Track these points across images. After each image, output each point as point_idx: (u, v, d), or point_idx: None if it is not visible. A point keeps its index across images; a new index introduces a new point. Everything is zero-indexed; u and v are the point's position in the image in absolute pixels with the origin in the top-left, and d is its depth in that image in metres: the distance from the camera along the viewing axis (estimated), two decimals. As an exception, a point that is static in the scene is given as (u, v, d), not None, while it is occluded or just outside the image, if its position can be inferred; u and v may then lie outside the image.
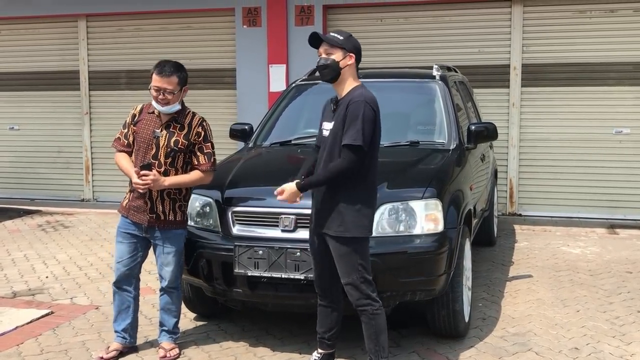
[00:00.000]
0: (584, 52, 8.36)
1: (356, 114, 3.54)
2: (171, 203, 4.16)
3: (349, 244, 3.62)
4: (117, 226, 4.28)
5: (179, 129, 4.12)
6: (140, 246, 4.24)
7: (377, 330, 3.69)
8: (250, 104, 9.00)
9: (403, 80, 5.95)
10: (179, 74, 4.07)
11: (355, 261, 3.63)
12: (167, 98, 4.04)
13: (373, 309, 3.67)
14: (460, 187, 4.71)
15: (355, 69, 3.73)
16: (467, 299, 4.67)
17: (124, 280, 4.24)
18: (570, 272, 6.20)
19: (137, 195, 4.13)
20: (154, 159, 4.07)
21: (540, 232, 7.88)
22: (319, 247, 3.78)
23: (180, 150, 4.11)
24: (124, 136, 4.21)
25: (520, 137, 8.62)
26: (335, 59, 3.68)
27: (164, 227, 4.16)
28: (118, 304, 4.29)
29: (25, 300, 5.47)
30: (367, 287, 3.66)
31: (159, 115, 4.13)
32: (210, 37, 9.44)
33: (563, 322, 4.90)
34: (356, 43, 3.72)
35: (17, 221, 8.75)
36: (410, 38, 8.82)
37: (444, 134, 5.26)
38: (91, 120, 9.99)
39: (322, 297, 3.90)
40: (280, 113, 5.84)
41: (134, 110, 4.25)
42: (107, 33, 9.85)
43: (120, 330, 4.30)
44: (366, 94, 3.63)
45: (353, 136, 3.52)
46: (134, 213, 4.16)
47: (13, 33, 10.22)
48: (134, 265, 4.24)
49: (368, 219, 3.64)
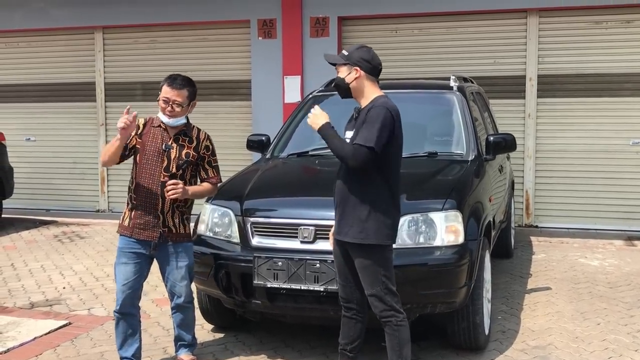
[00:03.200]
0: (600, 62, 8.32)
1: (374, 118, 3.51)
2: (180, 216, 4.11)
3: (371, 254, 3.59)
4: (118, 247, 4.11)
5: (188, 142, 4.11)
6: (145, 266, 4.12)
7: (400, 341, 3.66)
8: (265, 115, 9.02)
9: (421, 91, 5.95)
10: (190, 88, 4.07)
11: (379, 272, 3.60)
12: (175, 110, 4.02)
13: (397, 320, 3.64)
14: (480, 198, 4.69)
15: (371, 79, 3.66)
16: (487, 311, 4.64)
17: (128, 305, 4.08)
18: (589, 284, 6.14)
19: (144, 212, 4.03)
20: (165, 172, 4.02)
21: (558, 244, 7.82)
22: (342, 257, 3.75)
23: (191, 162, 4.09)
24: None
25: (537, 148, 8.58)
26: (340, 76, 3.68)
27: (176, 241, 4.10)
28: (123, 330, 4.11)
29: (43, 311, 5.49)
30: (391, 298, 3.62)
31: (166, 129, 4.10)
32: (226, 49, 9.48)
33: (584, 335, 4.84)
34: (364, 54, 3.64)
35: (34, 231, 8.80)
36: (425, 49, 8.83)
37: (462, 144, 5.24)
38: (107, 131, 10.05)
39: (347, 308, 3.84)
40: (297, 124, 5.84)
41: (137, 122, 4.15)
42: (123, 45, 9.92)
43: (130, 356, 4.13)
44: (389, 102, 3.60)
45: (367, 136, 3.48)
46: (140, 231, 4.03)
47: (30, 45, 10.32)
48: (139, 286, 4.11)
49: (390, 227, 3.61)
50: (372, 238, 3.57)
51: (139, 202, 4.04)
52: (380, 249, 3.60)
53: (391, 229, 3.62)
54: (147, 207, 4.03)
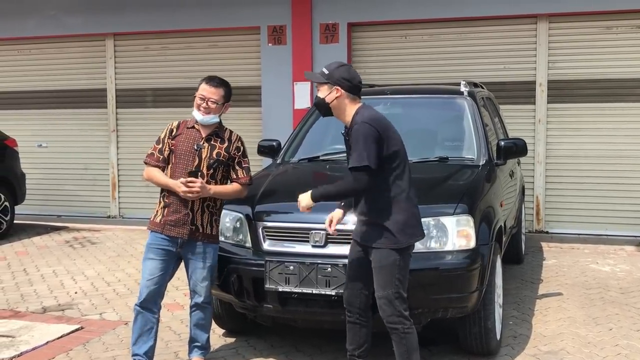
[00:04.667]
0: (611, 68, 8.30)
1: (356, 137, 3.55)
2: (209, 216, 4.19)
3: (391, 255, 3.61)
4: (146, 243, 4.22)
5: (220, 142, 4.20)
6: (171, 263, 4.20)
7: (408, 349, 3.65)
8: (275, 121, 9.04)
9: (431, 97, 5.95)
10: (226, 88, 4.21)
11: (394, 274, 3.61)
12: (210, 107, 4.13)
13: (404, 327, 3.64)
14: (491, 203, 4.68)
15: (350, 97, 3.68)
16: (499, 316, 4.62)
17: (150, 300, 4.15)
18: (600, 289, 6.12)
19: (176, 209, 4.12)
20: (196, 170, 4.11)
21: (568, 250, 7.80)
22: (357, 260, 3.76)
23: (222, 162, 4.17)
24: (158, 151, 4.23)
25: (547, 154, 8.56)
26: (320, 96, 3.72)
27: (202, 240, 4.17)
28: (140, 325, 4.16)
29: (55, 315, 5.52)
30: (400, 304, 3.63)
31: (199, 130, 4.20)
32: (236, 56, 9.53)
33: (596, 340, 4.82)
34: (343, 73, 3.66)
35: (45, 237, 8.85)
36: (435, 55, 8.83)
37: (473, 149, 5.24)
38: (118, 137, 10.11)
39: (350, 313, 3.87)
40: (307, 129, 5.87)
41: (170, 125, 4.28)
42: (134, 52, 9.99)
43: (142, 353, 4.15)
44: (366, 114, 3.62)
45: (357, 158, 3.53)
46: (171, 227, 4.13)
47: (42, 52, 10.40)
48: (163, 282, 4.19)
49: (411, 225, 3.63)
50: (398, 242, 3.59)
51: (171, 200, 4.14)
52: (401, 252, 3.62)
53: (413, 227, 3.64)
54: (178, 205, 4.12)
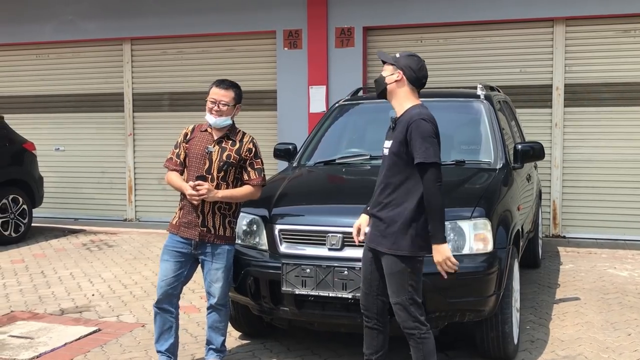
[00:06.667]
0: (628, 71, 8.25)
1: (420, 132, 3.50)
2: (221, 218, 4.21)
3: (401, 263, 3.58)
4: (164, 244, 4.29)
5: (231, 145, 4.23)
6: (186, 265, 4.25)
7: (425, 354, 3.62)
8: (291, 125, 9.07)
9: (448, 100, 5.94)
10: (236, 90, 4.25)
11: (406, 281, 3.58)
12: (222, 110, 4.17)
13: (421, 332, 3.60)
14: (508, 206, 4.66)
15: (410, 87, 3.67)
16: (516, 320, 4.60)
17: (166, 300, 4.22)
18: (618, 294, 6.07)
19: (188, 211, 4.19)
20: (207, 174, 4.16)
21: (585, 255, 7.74)
22: (370, 264, 3.75)
23: (232, 164, 4.19)
24: (176, 155, 4.30)
25: (564, 158, 8.51)
26: (383, 75, 3.71)
27: (214, 242, 4.20)
28: (160, 324, 4.28)
29: (72, 317, 5.56)
30: (415, 310, 3.59)
31: (211, 133, 4.25)
32: (252, 60, 9.57)
33: (614, 345, 4.78)
34: (412, 63, 3.67)
35: (63, 240, 8.92)
36: (451, 58, 8.82)
37: (489, 153, 5.22)
38: (135, 141, 10.18)
39: (368, 318, 3.84)
40: (323, 133, 5.88)
41: (185, 129, 4.36)
42: (151, 56, 10.06)
43: (164, 350, 4.29)
44: (424, 112, 3.60)
45: (423, 154, 3.47)
46: (185, 229, 4.19)
47: (60, 57, 10.51)
48: (177, 284, 4.24)
49: (423, 238, 3.57)
50: (404, 250, 3.55)
51: (185, 202, 4.21)
52: (412, 260, 3.58)
53: (425, 240, 3.57)
54: (190, 207, 4.18)
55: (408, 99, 3.68)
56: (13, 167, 8.84)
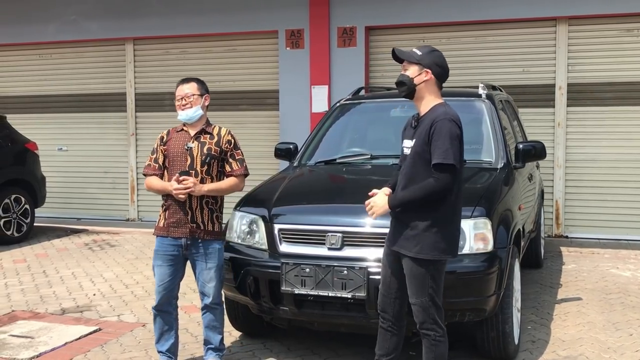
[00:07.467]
0: (631, 71, 8.22)
1: (443, 133, 3.39)
2: (209, 213, 4.20)
3: (423, 265, 3.49)
4: (154, 249, 4.25)
5: (209, 138, 4.24)
6: (179, 266, 4.25)
7: (436, 356, 3.56)
8: (293, 124, 9.06)
9: (450, 99, 5.84)
10: (197, 81, 4.30)
11: (427, 283, 3.49)
12: (189, 101, 4.20)
13: (437, 335, 3.54)
14: (509, 206, 4.64)
15: (437, 86, 3.57)
16: (517, 320, 4.58)
17: (165, 303, 4.23)
18: (621, 295, 6.04)
19: (176, 210, 4.16)
20: (190, 169, 4.15)
21: (588, 255, 7.71)
22: (391, 266, 3.66)
23: (214, 156, 4.19)
24: (154, 160, 4.31)
25: (566, 158, 8.48)
26: (409, 75, 3.56)
27: (204, 238, 4.18)
28: (160, 325, 4.28)
29: (73, 317, 5.56)
30: (435, 312, 3.52)
31: (187, 130, 4.27)
32: (254, 59, 9.57)
33: (616, 346, 4.76)
34: (437, 59, 3.55)
35: (65, 240, 8.93)
36: (453, 58, 8.73)
37: (491, 152, 5.20)
38: (137, 141, 10.19)
39: (384, 319, 3.75)
40: (324, 132, 5.87)
41: (161, 134, 4.37)
42: (154, 56, 10.08)
43: (165, 350, 4.30)
44: (450, 111, 3.49)
45: (442, 154, 3.36)
46: (174, 229, 4.16)
47: (63, 57, 10.53)
48: (174, 286, 4.25)
49: (447, 241, 3.48)
50: (427, 253, 3.46)
51: (170, 202, 4.20)
52: (434, 263, 3.49)
53: (449, 244, 3.50)
54: (177, 206, 4.17)
55: (433, 97, 3.58)
56: (15, 167, 8.86)
